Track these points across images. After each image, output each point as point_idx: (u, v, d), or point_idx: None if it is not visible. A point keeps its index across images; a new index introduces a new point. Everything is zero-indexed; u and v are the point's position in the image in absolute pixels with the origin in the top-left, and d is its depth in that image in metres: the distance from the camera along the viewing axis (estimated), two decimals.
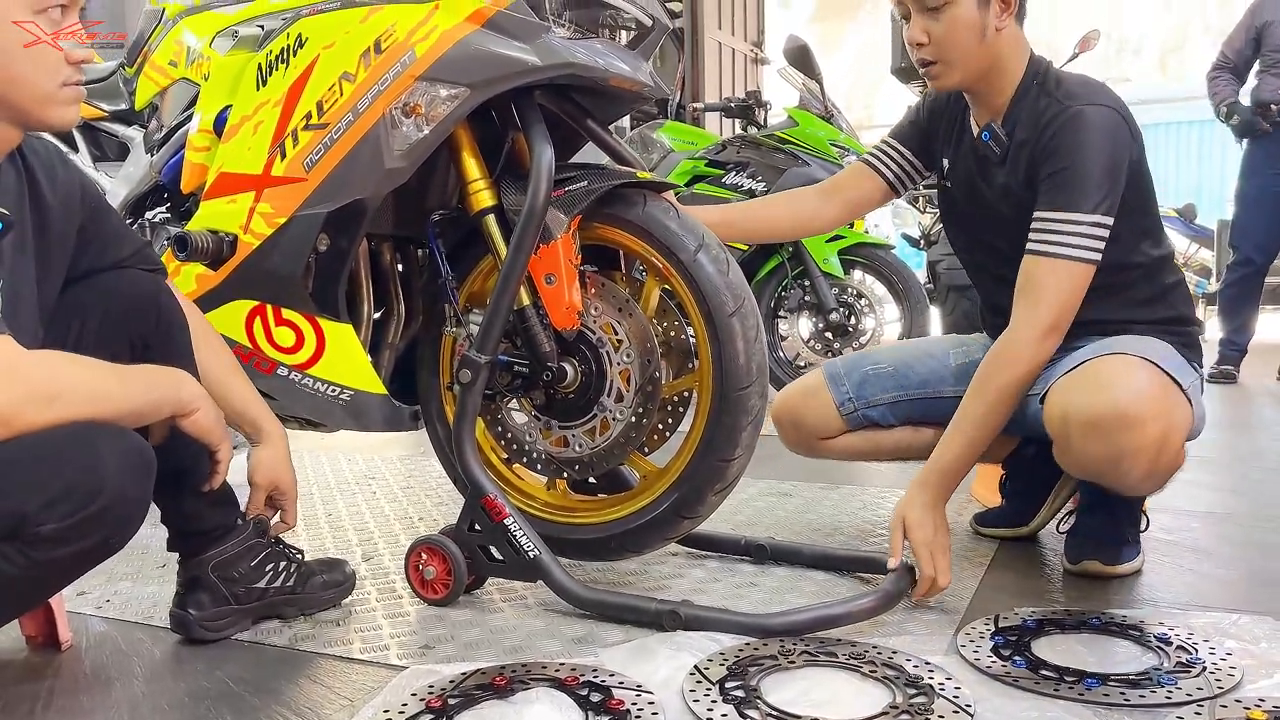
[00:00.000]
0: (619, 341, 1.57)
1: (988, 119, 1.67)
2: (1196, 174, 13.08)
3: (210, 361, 1.43)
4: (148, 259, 1.44)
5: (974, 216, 1.75)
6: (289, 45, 1.55)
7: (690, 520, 1.60)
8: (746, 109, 4.14)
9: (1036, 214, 1.56)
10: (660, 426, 1.63)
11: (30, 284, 1.25)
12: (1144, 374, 1.47)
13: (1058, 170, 1.55)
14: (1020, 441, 1.83)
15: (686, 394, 1.64)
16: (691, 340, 1.60)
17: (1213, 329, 4.91)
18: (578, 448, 1.62)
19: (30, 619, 1.44)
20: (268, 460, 1.47)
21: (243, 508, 1.50)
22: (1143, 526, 1.71)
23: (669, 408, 1.64)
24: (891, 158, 1.85)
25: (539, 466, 1.67)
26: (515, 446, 1.68)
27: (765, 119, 4.17)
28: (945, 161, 1.78)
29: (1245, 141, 4.33)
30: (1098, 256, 1.53)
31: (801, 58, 3.91)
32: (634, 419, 1.57)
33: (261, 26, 1.65)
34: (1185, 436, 1.52)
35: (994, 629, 1.40)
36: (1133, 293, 1.65)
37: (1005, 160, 1.65)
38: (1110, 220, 1.53)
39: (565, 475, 1.68)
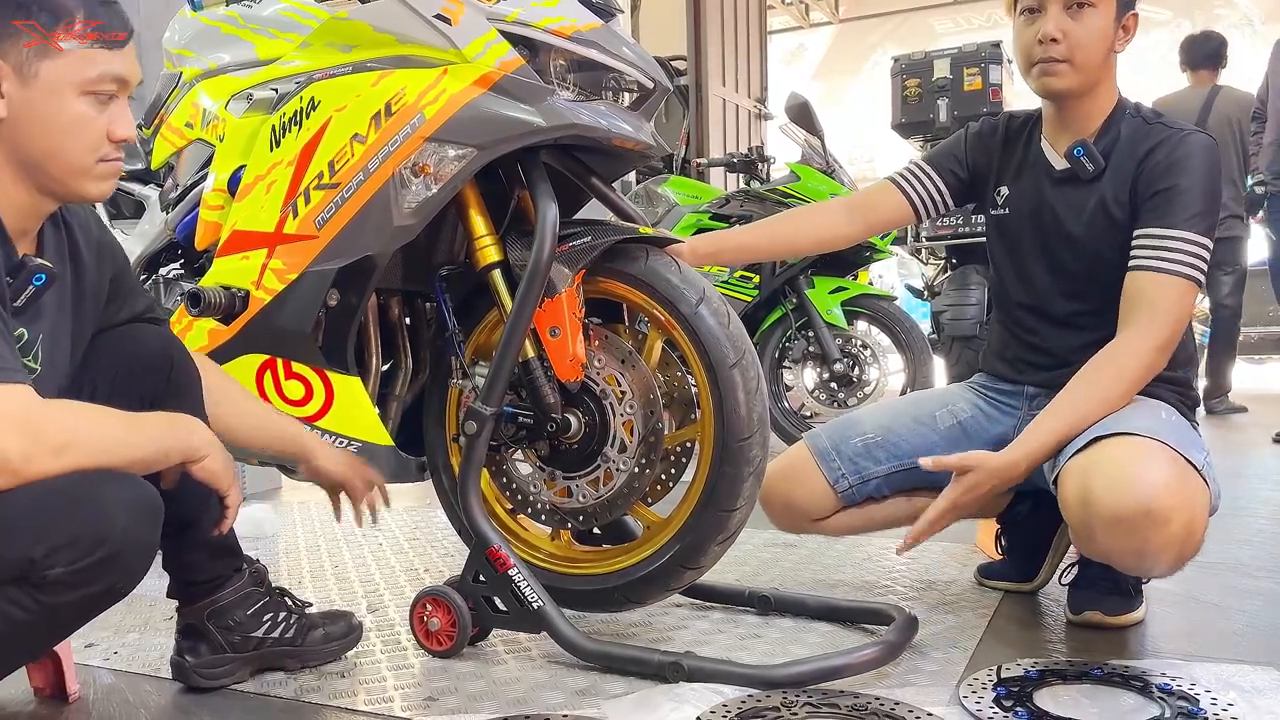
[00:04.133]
0: (622, 393, 1.60)
1: (1072, 139, 1.67)
2: None
3: (243, 407, 1.50)
4: (156, 313, 1.49)
5: (1036, 240, 1.73)
6: (302, 108, 1.60)
7: (693, 571, 1.61)
8: (750, 164, 4.22)
9: (1144, 230, 1.58)
10: (663, 477, 1.65)
11: (67, 338, 1.29)
12: (1163, 463, 1.43)
13: (1167, 188, 1.57)
14: (1014, 497, 1.83)
15: (689, 444, 1.66)
16: (694, 391, 1.62)
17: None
18: (581, 498, 1.64)
19: (38, 671, 1.45)
20: (326, 466, 1.55)
21: (246, 555, 1.52)
22: (1145, 579, 1.71)
23: (672, 458, 1.66)
24: (921, 182, 1.83)
25: (543, 517, 1.69)
26: (520, 497, 1.70)
27: (768, 174, 4.24)
28: (1004, 189, 1.77)
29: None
30: (1203, 278, 1.56)
31: (803, 114, 3.98)
32: (637, 469, 1.59)
33: (275, 90, 1.71)
34: (1208, 519, 1.49)
35: (996, 680, 1.40)
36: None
37: (1099, 178, 1.65)
38: (1211, 245, 1.56)
39: (569, 526, 1.69)
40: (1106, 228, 1.64)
